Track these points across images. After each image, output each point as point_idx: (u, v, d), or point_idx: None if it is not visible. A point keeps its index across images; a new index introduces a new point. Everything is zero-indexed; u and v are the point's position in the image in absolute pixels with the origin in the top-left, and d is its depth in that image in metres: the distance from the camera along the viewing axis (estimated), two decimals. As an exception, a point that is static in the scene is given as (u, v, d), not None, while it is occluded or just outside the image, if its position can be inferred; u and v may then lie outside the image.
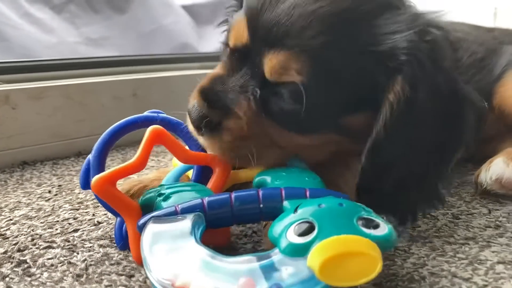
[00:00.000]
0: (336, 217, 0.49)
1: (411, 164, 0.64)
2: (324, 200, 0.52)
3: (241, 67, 0.66)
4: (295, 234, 0.48)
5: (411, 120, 0.62)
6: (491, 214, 0.76)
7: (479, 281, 0.56)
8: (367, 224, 0.49)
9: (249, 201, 0.56)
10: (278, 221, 0.51)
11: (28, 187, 0.91)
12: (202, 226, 0.55)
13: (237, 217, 0.57)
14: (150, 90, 1.30)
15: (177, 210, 0.56)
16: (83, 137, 1.16)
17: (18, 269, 0.59)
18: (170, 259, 0.49)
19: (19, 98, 1.06)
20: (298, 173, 0.63)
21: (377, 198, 0.63)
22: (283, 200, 0.56)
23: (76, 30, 1.67)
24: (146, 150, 0.64)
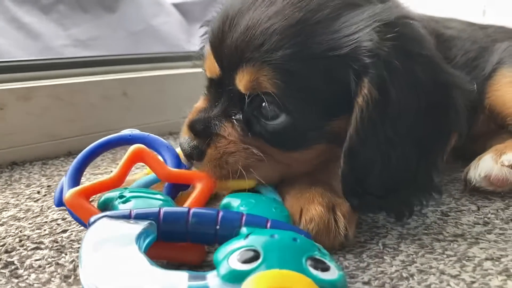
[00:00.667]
0: (285, 251, 0.47)
1: (394, 163, 0.64)
2: (279, 232, 0.50)
3: (220, 96, 0.70)
4: (238, 261, 0.46)
5: (384, 120, 0.62)
6: (480, 211, 0.76)
7: (467, 277, 0.56)
8: (315, 265, 0.47)
9: (206, 220, 0.54)
10: (226, 244, 0.50)
11: (17, 188, 0.90)
12: (153, 236, 0.53)
13: (191, 234, 0.54)
14: (140, 89, 1.29)
15: (131, 215, 0.54)
16: (73, 137, 1.15)
17: (5, 270, 0.59)
18: (104, 262, 0.47)
19: (7, 98, 1.05)
20: (267, 203, 0.63)
21: (369, 200, 0.64)
22: (242, 226, 0.54)
23: (64, 32, 1.66)
24: (125, 168, 0.66)
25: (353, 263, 0.59)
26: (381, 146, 0.63)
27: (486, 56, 0.99)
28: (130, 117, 1.24)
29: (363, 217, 0.73)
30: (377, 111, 0.61)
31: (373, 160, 0.63)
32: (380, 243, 0.65)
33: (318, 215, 0.61)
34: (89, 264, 0.47)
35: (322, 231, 0.60)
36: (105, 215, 0.54)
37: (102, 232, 0.51)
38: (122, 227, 0.52)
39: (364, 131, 0.61)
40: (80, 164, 0.70)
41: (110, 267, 0.46)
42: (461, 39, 1.00)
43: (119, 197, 0.60)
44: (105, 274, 0.46)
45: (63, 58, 1.40)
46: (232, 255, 0.47)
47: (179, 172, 0.68)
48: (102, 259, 0.48)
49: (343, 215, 0.61)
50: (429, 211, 0.76)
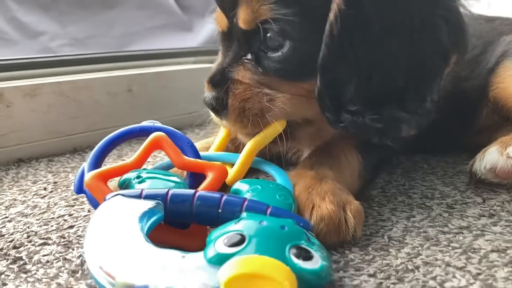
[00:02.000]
0: (270, 238, 0.48)
1: (376, 81, 0.63)
2: (269, 219, 0.52)
3: (231, 45, 0.75)
4: (225, 244, 0.47)
5: (354, 36, 0.62)
6: (486, 203, 0.76)
7: (473, 269, 0.56)
8: (299, 254, 0.47)
9: (210, 203, 0.56)
10: (219, 228, 0.51)
11: (24, 185, 0.91)
12: (159, 215, 0.56)
13: (195, 215, 0.57)
14: (145, 85, 1.30)
15: (142, 194, 0.57)
16: (78, 133, 1.16)
17: (13, 266, 0.59)
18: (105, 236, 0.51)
19: (13, 95, 1.06)
20: (273, 190, 0.63)
21: (346, 118, 0.65)
22: (243, 210, 0.55)
23: (62, 30, 1.66)
24: (144, 153, 0.69)
25: (358, 256, 0.60)
26: (356, 62, 0.63)
27: (490, 50, 0.98)
28: (135, 114, 1.25)
29: (368, 210, 0.74)
30: (345, 26, 0.61)
31: (346, 76, 0.63)
32: (385, 236, 0.65)
33: (328, 214, 0.60)
34: (92, 236, 0.52)
35: (332, 231, 0.60)
36: (119, 193, 0.57)
37: (111, 208, 0.55)
38: (129, 205, 0.55)
39: (332, 47, 0.62)
40: (101, 152, 0.72)
41: (109, 241, 0.50)
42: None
43: (136, 177, 0.64)
44: (103, 246, 0.50)
45: (68, 55, 1.40)
46: (219, 238, 0.48)
47: (193, 162, 0.69)
48: (104, 232, 0.51)
49: (353, 214, 0.61)
50: (434, 204, 0.76)
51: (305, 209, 0.62)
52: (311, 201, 0.62)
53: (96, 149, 0.72)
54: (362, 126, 0.66)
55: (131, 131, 0.75)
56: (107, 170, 0.65)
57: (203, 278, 0.45)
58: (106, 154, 0.73)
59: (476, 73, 0.97)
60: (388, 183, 0.86)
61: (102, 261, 0.48)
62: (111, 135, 0.74)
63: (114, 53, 1.47)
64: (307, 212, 0.61)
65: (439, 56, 0.66)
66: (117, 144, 0.75)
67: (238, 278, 0.43)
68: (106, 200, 0.57)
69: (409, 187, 0.84)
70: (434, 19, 0.65)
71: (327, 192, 0.64)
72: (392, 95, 0.65)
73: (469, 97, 0.96)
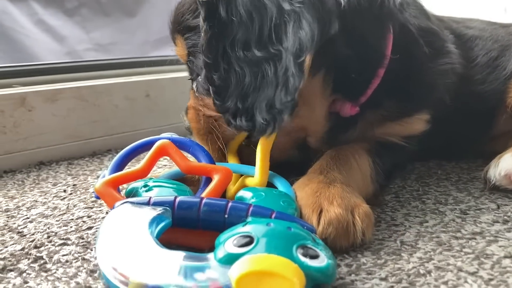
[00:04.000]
0: (277, 238, 0.50)
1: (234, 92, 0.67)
2: (276, 221, 0.54)
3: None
4: (234, 245, 0.49)
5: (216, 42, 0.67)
6: (500, 209, 0.76)
7: (485, 275, 0.56)
8: (305, 253, 0.49)
9: (216, 209, 0.58)
10: (227, 231, 0.53)
11: (44, 187, 0.93)
12: (167, 221, 0.57)
13: (202, 221, 0.58)
14: (163, 90, 1.32)
15: (150, 201, 0.59)
16: (97, 137, 1.19)
17: (34, 265, 0.61)
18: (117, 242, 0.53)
19: (35, 100, 1.09)
20: (277, 197, 0.65)
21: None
22: (248, 216, 0.57)
23: (86, 35, 1.70)
24: (151, 160, 0.72)
25: (370, 259, 0.60)
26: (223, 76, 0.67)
27: (507, 55, 0.98)
28: (153, 118, 1.27)
29: (382, 215, 0.74)
30: (208, 33, 0.67)
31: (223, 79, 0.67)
32: (398, 241, 0.65)
33: (336, 218, 0.60)
34: (104, 240, 0.54)
35: (341, 235, 0.60)
36: (127, 201, 0.60)
37: (121, 215, 0.57)
38: (138, 212, 0.57)
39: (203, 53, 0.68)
40: (121, 160, 0.77)
41: (121, 245, 0.52)
42: (483, 39, 1.00)
43: (143, 186, 0.66)
44: (116, 249, 0.52)
45: (88, 61, 1.43)
46: (228, 240, 0.50)
47: (198, 165, 0.72)
48: (116, 237, 0.54)
49: (361, 218, 0.62)
50: (447, 209, 0.76)
51: (313, 213, 0.62)
52: (319, 205, 0.63)
53: (117, 157, 0.76)
54: (242, 127, 0.68)
55: (150, 142, 0.78)
56: (115, 177, 0.69)
57: (214, 277, 0.47)
58: (127, 163, 0.77)
59: (492, 77, 0.96)
60: (402, 189, 0.86)
61: (116, 263, 0.50)
62: (131, 146, 0.78)
63: (132, 59, 1.49)
64: (315, 216, 0.62)
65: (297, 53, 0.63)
66: (137, 154, 0.79)
67: (249, 275, 0.45)
68: (115, 208, 0.59)
69: (423, 193, 0.84)
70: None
71: (335, 196, 0.64)
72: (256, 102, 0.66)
73: (486, 100, 0.96)
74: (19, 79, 1.17)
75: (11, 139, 1.06)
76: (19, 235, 0.70)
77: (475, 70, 0.96)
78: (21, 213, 0.79)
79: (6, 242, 0.68)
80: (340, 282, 0.55)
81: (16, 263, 0.62)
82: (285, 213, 0.58)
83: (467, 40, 0.99)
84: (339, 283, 0.55)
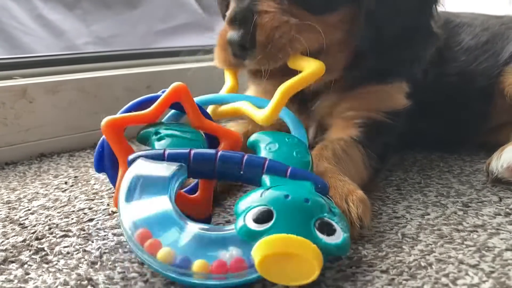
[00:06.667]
0: (296, 213, 0.52)
1: (397, 25, 0.73)
2: (294, 191, 0.54)
3: None
4: (253, 219, 0.51)
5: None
6: (502, 202, 0.76)
7: (486, 267, 0.56)
8: (322, 228, 0.51)
9: (232, 163, 0.59)
10: (244, 198, 0.54)
11: (46, 179, 0.93)
12: (184, 176, 0.59)
13: (218, 173, 0.60)
14: (164, 82, 1.30)
15: (164, 156, 0.59)
16: (99, 129, 1.16)
17: (36, 256, 0.61)
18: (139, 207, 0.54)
19: (36, 92, 1.09)
20: (290, 147, 0.65)
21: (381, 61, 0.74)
22: (264, 172, 0.58)
23: (86, 29, 1.70)
24: (162, 104, 0.67)
25: (372, 252, 0.60)
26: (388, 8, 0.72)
27: (499, 42, 0.98)
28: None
29: (383, 207, 0.74)
30: None
31: (384, 19, 0.72)
32: (399, 233, 0.65)
33: None
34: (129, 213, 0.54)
35: None
36: (141, 155, 0.60)
37: (139, 177, 0.57)
38: (156, 170, 0.58)
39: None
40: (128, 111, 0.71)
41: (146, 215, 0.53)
42: (472, 26, 1.02)
43: (155, 134, 0.65)
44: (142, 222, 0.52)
45: (89, 53, 1.43)
46: (248, 212, 0.52)
47: (211, 124, 0.69)
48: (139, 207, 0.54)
49: (356, 204, 0.61)
50: (449, 202, 0.76)
51: None
52: None
53: (122, 111, 0.71)
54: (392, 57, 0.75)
55: (149, 99, 0.72)
56: (122, 117, 0.65)
57: (237, 253, 0.49)
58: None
59: (481, 60, 0.97)
60: (404, 181, 0.86)
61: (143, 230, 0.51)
62: (137, 100, 0.72)
63: (134, 51, 1.49)
64: None
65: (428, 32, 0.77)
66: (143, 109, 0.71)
67: (271, 256, 0.47)
68: (130, 163, 0.59)
69: (425, 185, 0.84)
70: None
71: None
72: (397, 43, 0.75)
73: (474, 81, 0.97)
74: (20, 71, 1.17)
75: (12, 131, 1.06)
76: (20, 227, 0.70)
77: (461, 52, 0.97)
78: (23, 205, 0.79)
79: (7, 234, 0.68)
80: (341, 275, 0.55)
81: (17, 254, 0.62)
82: (300, 169, 0.59)
83: (455, 26, 1.02)
84: (340, 275, 0.55)
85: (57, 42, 1.65)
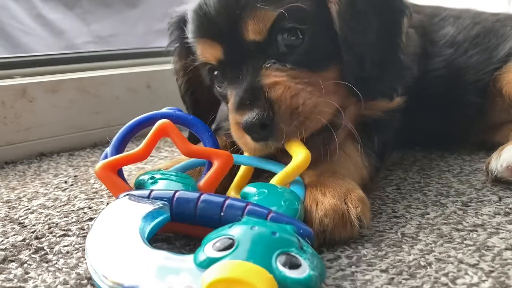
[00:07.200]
0: (259, 244, 0.48)
1: (376, 51, 0.71)
2: (262, 224, 0.52)
3: (240, 66, 0.69)
4: (215, 249, 0.48)
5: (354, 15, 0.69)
6: (501, 201, 0.76)
7: (486, 267, 0.56)
8: (286, 261, 0.47)
9: (213, 206, 0.58)
10: (213, 232, 0.52)
11: (45, 178, 0.93)
12: (165, 215, 0.58)
13: (199, 217, 0.58)
14: (164, 82, 1.31)
15: (150, 195, 0.59)
16: (98, 128, 1.19)
17: (35, 255, 0.61)
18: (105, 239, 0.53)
19: (36, 91, 1.09)
20: (280, 195, 0.61)
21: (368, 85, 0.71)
22: (244, 215, 0.56)
23: (86, 28, 1.70)
24: (150, 142, 0.69)
25: (371, 251, 0.60)
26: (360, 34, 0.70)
27: (493, 39, 0.98)
28: (154, 109, 1.25)
29: (383, 207, 0.74)
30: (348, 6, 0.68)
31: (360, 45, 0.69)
32: (399, 232, 0.65)
33: (332, 209, 0.60)
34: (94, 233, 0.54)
35: (339, 224, 0.60)
36: (129, 193, 0.60)
37: (116, 209, 0.58)
38: (135, 206, 0.57)
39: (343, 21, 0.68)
40: (123, 137, 0.74)
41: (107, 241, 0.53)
42: (461, 18, 1.01)
43: (150, 178, 0.66)
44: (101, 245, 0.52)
45: (89, 52, 1.43)
46: (210, 242, 0.49)
47: (199, 149, 0.70)
48: (104, 231, 0.54)
49: (355, 204, 0.61)
50: (449, 201, 0.75)
51: (311, 208, 0.62)
52: (314, 199, 0.63)
53: (118, 135, 0.74)
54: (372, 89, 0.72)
55: (153, 117, 0.75)
56: (115, 160, 0.67)
57: (189, 281, 0.46)
58: (129, 140, 0.75)
59: (471, 53, 0.97)
60: (404, 180, 0.86)
61: (97, 261, 0.50)
62: (133, 121, 0.75)
63: (133, 50, 1.49)
64: (312, 211, 0.61)
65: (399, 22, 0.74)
66: (139, 130, 0.76)
67: (220, 282, 0.44)
68: (117, 199, 0.60)
69: (425, 185, 0.84)
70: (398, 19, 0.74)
71: (327, 187, 0.64)
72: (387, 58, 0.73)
73: (464, 75, 0.96)
74: (20, 70, 1.17)
75: (12, 130, 1.06)
76: (20, 226, 0.70)
77: (447, 45, 0.96)
78: (22, 204, 0.80)
79: (7, 233, 0.68)
80: (341, 274, 0.55)
81: (17, 254, 0.62)
82: (283, 214, 0.56)
83: (441, 19, 1.01)
84: (339, 274, 0.55)
85: (57, 41, 1.65)
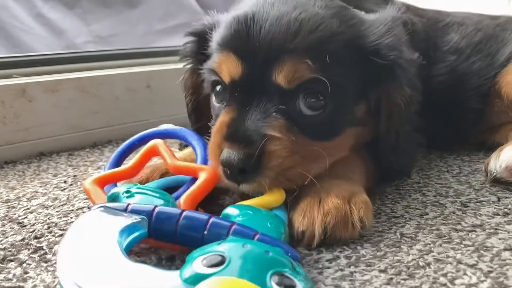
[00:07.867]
0: (252, 262, 0.45)
1: (405, 139, 0.75)
2: (254, 243, 0.49)
3: (251, 97, 0.66)
4: (204, 265, 0.44)
5: (408, 114, 0.73)
6: (500, 202, 0.76)
7: (484, 267, 0.56)
8: (280, 281, 0.44)
9: (196, 223, 0.53)
10: (200, 248, 0.49)
11: (45, 178, 0.93)
12: (142, 231, 0.53)
13: (180, 235, 0.53)
14: (164, 81, 1.31)
15: (127, 208, 0.55)
16: (98, 128, 1.19)
17: (35, 255, 0.61)
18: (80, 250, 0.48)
19: (35, 91, 1.09)
20: (265, 217, 0.59)
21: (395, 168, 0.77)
22: (230, 234, 0.52)
23: (86, 27, 1.70)
24: (140, 161, 0.73)
25: (370, 251, 0.60)
26: (401, 128, 0.74)
27: (494, 45, 0.98)
28: (154, 109, 1.27)
29: (382, 207, 0.74)
30: (407, 107, 0.71)
31: (397, 138, 0.73)
32: (397, 233, 0.65)
33: (334, 207, 0.61)
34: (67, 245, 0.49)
35: (340, 223, 0.61)
36: (104, 205, 0.56)
37: (93, 219, 0.53)
38: (111, 219, 0.53)
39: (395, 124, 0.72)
40: (119, 156, 0.78)
41: (84, 253, 0.47)
42: (464, 25, 1.01)
43: (126, 192, 0.61)
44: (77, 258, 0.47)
45: (89, 52, 1.43)
46: (198, 258, 0.46)
47: (185, 165, 0.71)
48: (80, 243, 0.49)
49: (358, 206, 0.62)
50: (448, 201, 0.76)
51: (314, 206, 0.62)
52: (318, 197, 0.63)
53: (114, 154, 0.77)
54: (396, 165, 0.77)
55: (146, 136, 0.78)
56: (103, 175, 0.69)
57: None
58: (127, 156, 0.78)
59: (473, 60, 0.97)
60: (403, 181, 0.86)
61: (74, 273, 0.45)
62: (128, 141, 0.78)
63: (133, 50, 1.49)
64: (316, 207, 0.62)
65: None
66: (135, 148, 0.79)
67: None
68: (91, 210, 0.55)
69: (424, 185, 0.84)
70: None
71: (332, 186, 0.65)
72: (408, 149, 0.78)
73: (466, 81, 0.97)
74: (20, 70, 1.17)
75: (12, 129, 1.06)
76: (19, 226, 0.70)
77: (450, 51, 0.97)
78: (22, 203, 0.80)
79: (6, 233, 0.68)
80: (340, 274, 0.55)
81: (16, 253, 0.62)
82: (270, 236, 0.53)
83: (444, 25, 1.01)
84: (338, 274, 0.55)
85: (57, 41, 1.65)
